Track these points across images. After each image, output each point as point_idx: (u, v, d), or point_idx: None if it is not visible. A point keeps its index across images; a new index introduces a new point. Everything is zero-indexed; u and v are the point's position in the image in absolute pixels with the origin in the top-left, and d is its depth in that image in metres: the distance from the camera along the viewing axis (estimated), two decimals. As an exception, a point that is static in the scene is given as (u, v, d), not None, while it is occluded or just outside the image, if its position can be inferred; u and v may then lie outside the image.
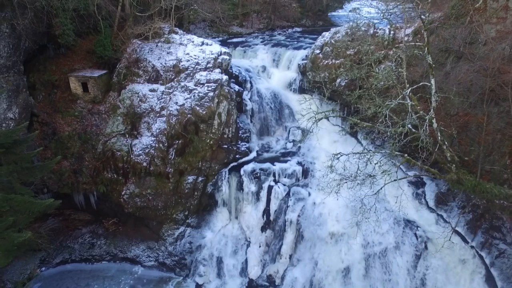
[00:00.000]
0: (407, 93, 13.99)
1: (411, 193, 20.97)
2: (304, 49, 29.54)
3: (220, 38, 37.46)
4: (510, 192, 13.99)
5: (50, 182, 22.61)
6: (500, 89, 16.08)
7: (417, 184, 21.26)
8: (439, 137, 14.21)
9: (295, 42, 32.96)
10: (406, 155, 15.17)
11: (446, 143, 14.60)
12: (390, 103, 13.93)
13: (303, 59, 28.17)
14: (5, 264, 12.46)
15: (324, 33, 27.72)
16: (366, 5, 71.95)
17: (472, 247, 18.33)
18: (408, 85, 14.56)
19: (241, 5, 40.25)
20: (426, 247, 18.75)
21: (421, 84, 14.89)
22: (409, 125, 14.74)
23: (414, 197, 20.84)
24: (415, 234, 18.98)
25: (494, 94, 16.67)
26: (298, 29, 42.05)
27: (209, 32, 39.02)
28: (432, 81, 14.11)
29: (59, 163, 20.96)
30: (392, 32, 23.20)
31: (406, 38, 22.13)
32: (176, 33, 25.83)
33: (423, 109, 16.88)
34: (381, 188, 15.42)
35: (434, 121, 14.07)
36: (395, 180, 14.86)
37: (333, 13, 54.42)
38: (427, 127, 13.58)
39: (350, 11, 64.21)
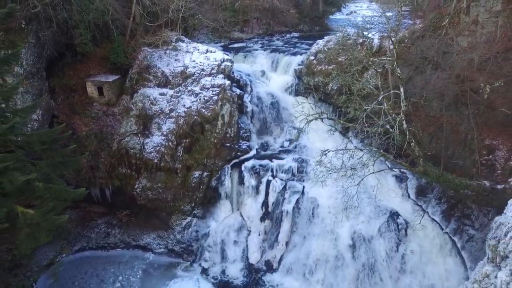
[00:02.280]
0: (379, 99, 16.43)
1: (395, 186, 23.47)
2: (300, 55, 31.87)
3: (222, 43, 39.78)
4: (468, 182, 16.42)
5: (70, 177, 24.92)
6: (464, 94, 18.49)
7: (401, 178, 23.66)
8: (407, 136, 16.64)
9: (292, 48, 35.26)
10: (381, 150, 17.64)
11: (413, 140, 17.03)
12: (367, 107, 16.40)
13: (299, 64, 30.58)
14: (47, 241, 14.81)
15: (318, 40, 30.17)
16: (363, 8, 74.75)
17: (446, 233, 20.80)
18: (382, 92, 17.03)
19: (242, 12, 42.64)
20: (406, 233, 21.20)
21: (392, 91, 17.34)
22: (387, 126, 17.17)
23: (397, 190, 23.28)
24: (397, 222, 21.42)
25: (463, 98, 19.10)
26: (296, 34, 44.29)
27: (211, 37, 41.37)
28: (401, 90, 16.56)
29: (77, 159, 23.40)
30: (378, 41, 25.59)
31: (391, 47, 24.62)
32: (183, 41, 28.27)
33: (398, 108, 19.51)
34: (361, 180, 17.89)
35: (404, 122, 16.52)
36: (373, 172, 17.33)
37: (331, 16, 56.65)
38: (397, 128, 15.98)
39: (347, 14, 66.57)
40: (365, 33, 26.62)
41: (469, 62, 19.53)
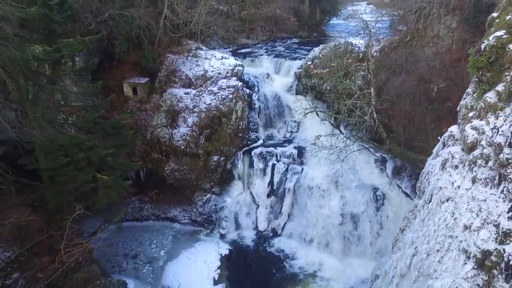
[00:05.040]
0: (355, 97, 21.98)
1: (376, 167, 28.97)
2: (300, 59, 37.16)
3: (231, 49, 45.10)
4: (423, 158, 21.83)
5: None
6: (426, 93, 24.02)
7: (381, 161, 29.15)
8: (376, 122, 22.18)
9: (293, 53, 40.63)
10: (359, 134, 23.20)
11: (380, 126, 22.57)
12: (346, 103, 21.92)
13: (298, 68, 35.91)
14: (117, 198, 20.25)
15: (314, 48, 35.67)
16: (360, 12, 79.45)
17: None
18: (358, 91, 22.57)
19: (248, 21, 48.19)
20: (383, 203, 26.75)
21: (367, 91, 22.89)
22: (366, 117, 22.74)
23: (378, 170, 28.74)
24: (376, 194, 26.96)
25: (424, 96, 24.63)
26: (296, 40, 49.54)
27: (221, 43, 46.77)
28: (372, 90, 22.08)
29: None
30: (363, 49, 31.13)
31: (375, 54, 30.20)
32: (201, 49, 33.81)
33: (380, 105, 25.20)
34: (345, 157, 23.48)
35: (374, 113, 22.04)
36: (353, 151, 22.88)
37: (330, 22, 61.96)
38: (369, 117, 21.48)
39: (344, 19, 71.81)
40: (354, 42, 32.30)
41: (431, 67, 25.05)
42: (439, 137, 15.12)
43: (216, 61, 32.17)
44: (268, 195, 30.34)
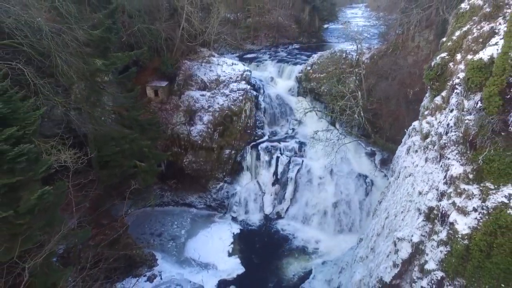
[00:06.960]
0: (346, 98, 26.60)
1: (367, 159, 33.56)
2: (300, 64, 41.70)
3: (237, 54, 49.62)
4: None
5: (135, 154, 35.08)
6: (407, 95, 28.61)
7: (371, 154, 33.76)
8: (363, 119, 26.81)
9: (294, 59, 45.15)
10: (349, 129, 27.86)
11: (367, 123, 27.20)
12: (339, 103, 26.53)
13: (299, 72, 40.48)
14: (151, 182, 24.92)
15: (313, 55, 40.27)
16: (358, 15, 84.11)
17: (398, 188, 30.89)
18: (349, 94, 27.20)
19: (253, 28, 52.78)
20: (371, 189, 31.34)
21: (353, 94, 27.51)
22: (355, 115, 27.39)
23: (368, 161, 33.35)
24: (365, 181, 31.56)
25: (405, 98, 29.21)
26: (297, 46, 53.90)
27: (228, 49, 51.33)
28: (359, 93, 26.70)
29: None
30: (356, 56, 35.76)
31: (366, 61, 34.80)
32: (214, 56, 38.40)
33: (370, 105, 29.82)
34: (338, 148, 28.12)
35: (361, 112, 26.67)
36: (345, 144, 27.53)
37: (329, 27, 66.41)
38: (357, 115, 26.11)
39: (341, 24, 76.31)
40: (348, 50, 36.88)
41: (411, 74, 29.63)
42: (405, 130, 19.64)
43: (227, 67, 36.75)
44: (273, 184, 34.87)
